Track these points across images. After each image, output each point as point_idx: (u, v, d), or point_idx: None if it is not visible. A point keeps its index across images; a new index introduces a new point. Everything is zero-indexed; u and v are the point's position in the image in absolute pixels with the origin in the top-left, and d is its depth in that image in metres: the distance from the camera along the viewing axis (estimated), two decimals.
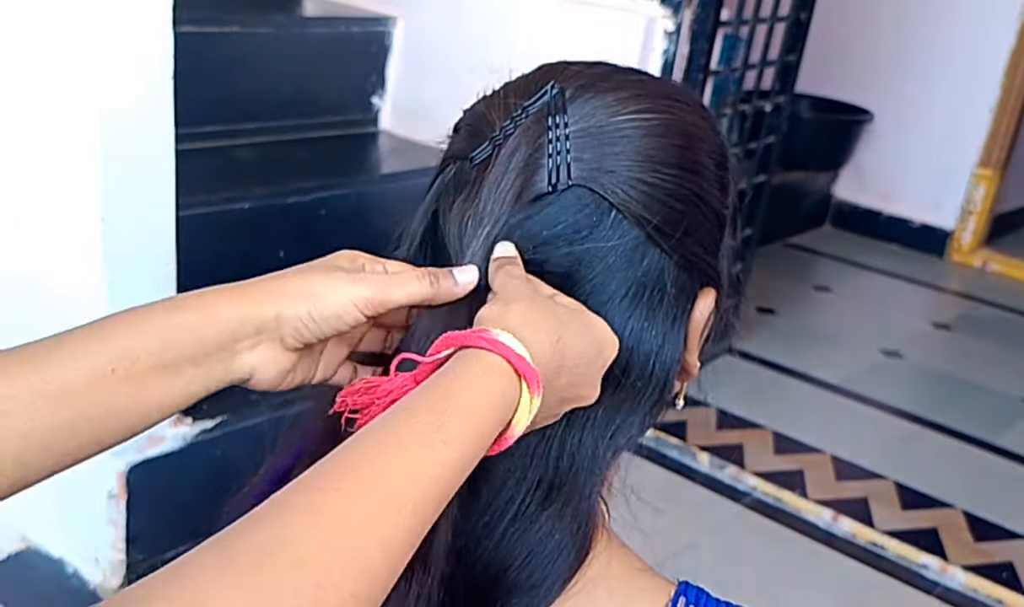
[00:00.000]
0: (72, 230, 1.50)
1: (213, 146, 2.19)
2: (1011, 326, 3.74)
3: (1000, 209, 4.37)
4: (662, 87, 0.61)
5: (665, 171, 0.57)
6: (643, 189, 0.56)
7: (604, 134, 0.57)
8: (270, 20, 2.36)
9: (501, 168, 0.56)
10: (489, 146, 0.58)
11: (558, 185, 0.56)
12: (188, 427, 1.69)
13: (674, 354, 0.60)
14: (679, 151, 0.58)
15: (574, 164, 0.56)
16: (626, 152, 0.56)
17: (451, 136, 0.63)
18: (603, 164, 0.56)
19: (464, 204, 0.58)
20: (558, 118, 0.57)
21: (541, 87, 0.58)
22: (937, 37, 4.12)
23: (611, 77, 0.60)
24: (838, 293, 3.85)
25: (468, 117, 0.62)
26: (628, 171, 0.56)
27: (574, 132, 0.57)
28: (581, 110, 0.57)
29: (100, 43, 1.38)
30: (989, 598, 2.12)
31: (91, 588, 1.70)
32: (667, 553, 0.80)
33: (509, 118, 0.58)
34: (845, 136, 4.34)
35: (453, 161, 0.60)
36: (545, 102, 0.57)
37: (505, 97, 0.60)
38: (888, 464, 2.56)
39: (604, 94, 0.58)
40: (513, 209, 0.56)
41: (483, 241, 0.56)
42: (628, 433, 0.59)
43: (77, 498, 1.69)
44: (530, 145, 0.56)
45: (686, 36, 2.22)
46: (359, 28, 2.48)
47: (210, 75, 2.12)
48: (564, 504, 0.56)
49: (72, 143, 1.46)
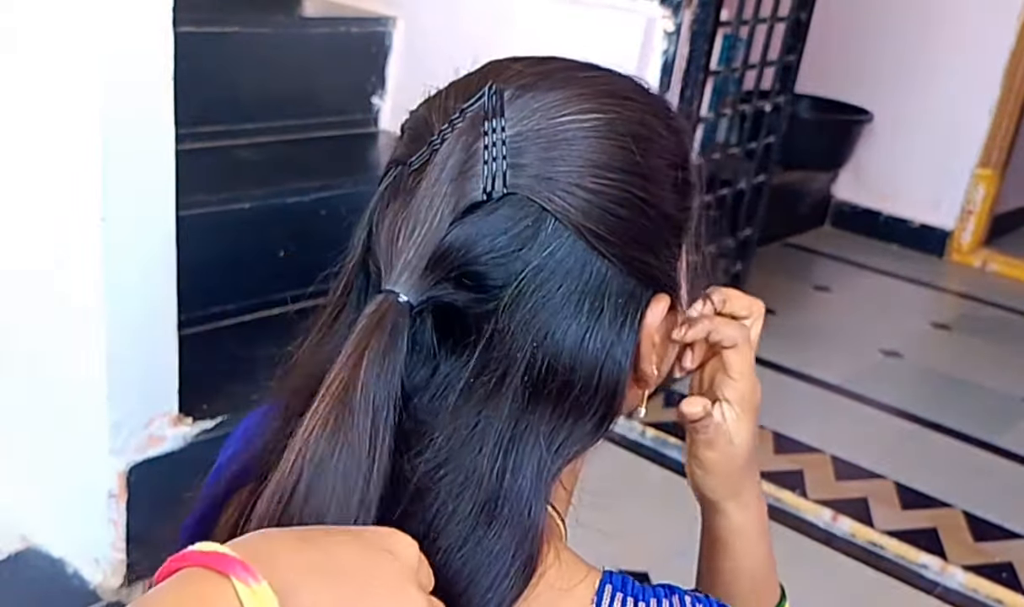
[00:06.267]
0: (72, 230, 1.50)
1: (213, 146, 2.20)
2: (1011, 326, 3.74)
3: (1000, 209, 4.37)
4: (612, 85, 0.58)
5: (608, 176, 0.54)
6: (583, 196, 0.53)
7: (543, 138, 0.54)
8: (270, 20, 2.36)
9: (434, 174, 0.54)
10: (427, 151, 0.55)
11: (493, 193, 0.53)
12: (188, 427, 1.69)
13: (622, 364, 0.57)
14: (623, 154, 0.55)
15: (511, 171, 0.53)
16: (566, 157, 0.54)
17: (396, 139, 0.60)
18: (541, 170, 0.53)
19: (397, 212, 0.55)
20: (495, 122, 0.54)
21: (482, 87, 0.55)
22: (937, 37, 4.12)
23: (555, 75, 0.57)
24: (838, 293, 3.85)
25: (411, 120, 0.59)
26: (567, 177, 0.53)
27: (511, 136, 0.54)
28: (520, 113, 0.54)
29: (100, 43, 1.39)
30: (989, 598, 2.12)
31: (91, 588, 1.70)
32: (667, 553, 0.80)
33: (448, 121, 0.55)
34: (845, 136, 4.34)
35: (394, 166, 0.58)
36: (482, 104, 0.54)
37: (446, 99, 0.57)
38: (888, 464, 2.56)
39: (545, 94, 0.55)
40: (447, 218, 0.53)
41: (416, 251, 0.53)
42: (574, 446, 0.56)
43: (77, 498, 1.69)
44: (465, 150, 0.53)
45: (686, 36, 2.22)
46: (359, 28, 2.48)
47: (210, 75, 2.12)
48: (506, 523, 0.53)
49: (72, 143, 1.45)
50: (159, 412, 1.64)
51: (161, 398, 1.64)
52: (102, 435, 1.57)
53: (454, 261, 0.53)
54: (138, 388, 1.58)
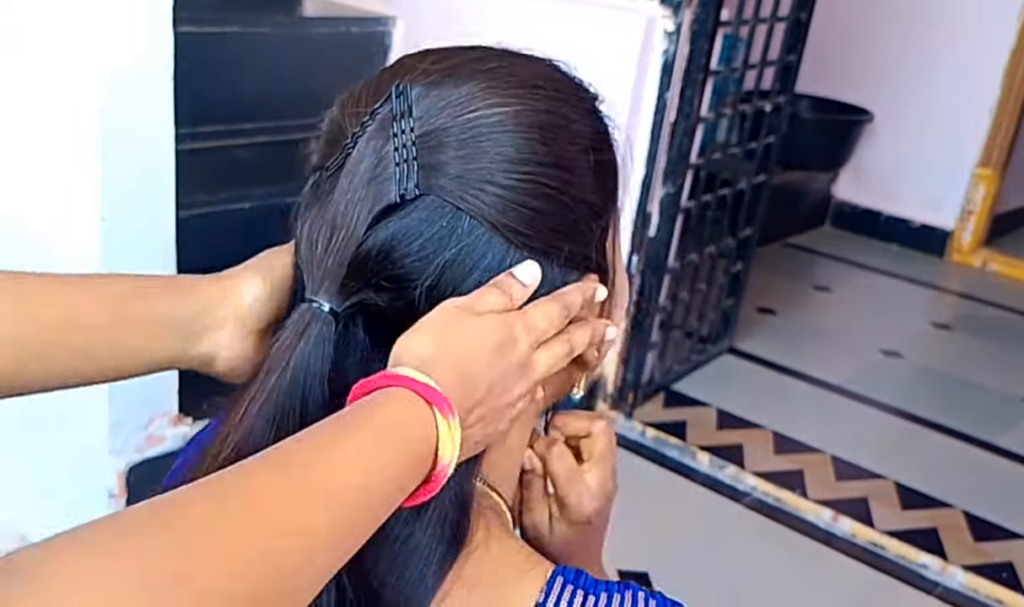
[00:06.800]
0: (72, 230, 1.50)
1: (213, 146, 2.19)
2: (1011, 326, 3.74)
3: (1000, 209, 4.37)
4: (520, 75, 0.57)
5: (519, 170, 0.54)
6: (495, 192, 0.54)
7: (451, 136, 0.54)
8: (270, 20, 2.36)
9: (347, 180, 0.54)
10: (340, 155, 0.55)
11: (406, 195, 0.53)
12: (188, 427, 1.69)
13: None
14: (531, 146, 0.55)
15: (422, 172, 0.53)
16: (475, 154, 0.53)
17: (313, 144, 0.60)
18: (453, 169, 0.53)
19: (314, 218, 0.55)
20: (403, 122, 0.53)
21: (390, 87, 0.55)
22: (937, 37, 4.12)
23: (462, 69, 0.56)
24: (838, 293, 3.85)
25: (326, 123, 0.59)
26: (478, 174, 0.53)
27: (420, 136, 0.53)
28: (427, 111, 0.54)
29: (100, 43, 1.39)
30: (989, 598, 2.12)
31: None
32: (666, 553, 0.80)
33: (359, 124, 0.55)
34: (845, 136, 4.34)
35: (313, 172, 0.58)
36: (390, 105, 0.54)
37: (357, 100, 0.57)
38: (888, 464, 2.56)
39: (451, 91, 0.55)
40: (363, 223, 0.53)
41: (334, 258, 0.53)
42: None
43: (77, 498, 1.69)
44: (375, 153, 0.54)
45: (686, 36, 2.22)
46: (359, 28, 2.48)
47: (210, 75, 2.12)
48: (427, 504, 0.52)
49: (72, 143, 1.46)
50: (159, 412, 1.64)
51: (161, 398, 1.64)
52: (102, 435, 1.57)
53: (373, 267, 0.54)
54: (138, 388, 1.58)
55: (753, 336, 3.17)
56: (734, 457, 2.48)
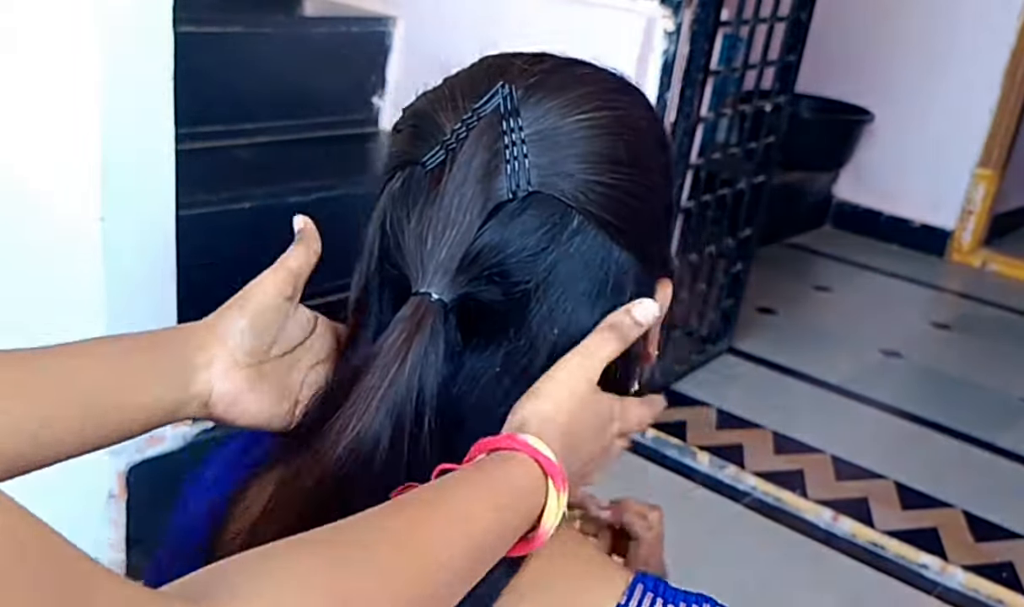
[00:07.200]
0: (72, 230, 1.50)
1: (213, 146, 2.19)
2: (1011, 326, 3.74)
3: (1000, 209, 4.37)
4: (606, 81, 0.60)
5: (619, 169, 0.57)
6: (600, 190, 0.56)
7: (559, 136, 0.56)
8: (270, 20, 2.36)
9: (460, 175, 0.55)
10: (442, 151, 0.56)
11: (518, 192, 0.55)
12: (188, 427, 1.69)
13: (638, 348, 0.61)
14: (629, 147, 0.57)
15: (534, 169, 0.55)
16: (581, 154, 0.56)
17: (392, 136, 0.60)
18: (560, 168, 0.55)
19: (423, 214, 0.56)
20: (512, 121, 0.55)
21: (489, 86, 0.56)
22: (937, 37, 4.12)
23: (557, 73, 0.58)
24: (838, 293, 3.85)
25: (411, 117, 0.60)
26: (584, 173, 0.56)
27: (529, 136, 0.55)
28: (534, 112, 0.56)
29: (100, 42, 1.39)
30: (989, 598, 2.12)
31: None
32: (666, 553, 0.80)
33: (460, 121, 0.56)
34: (845, 136, 4.34)
35: (402, 167, 0.58)
36: (497, 104, 0.56)
37: (452, 96, 0.58)
38: (888, 464, 2.56)
39: (554, 94, 0.57)
40: (477, 219, 0.54)
41: (448, 252, 0.54)
42: None
43: (77, 498, 1.69)
44: (488, 150, 0.55)
45: (686, 36, 2.22)
46: (359, 28, 2.48)
47: (210, 75, 2.12)
48: None
49: (72, 143, 1.46)
50: None
51: None
52: None
53: (486, 261, 0.55)
54: None
55: (753, 336, 3.17)
56: (734, 457, 2.48)
